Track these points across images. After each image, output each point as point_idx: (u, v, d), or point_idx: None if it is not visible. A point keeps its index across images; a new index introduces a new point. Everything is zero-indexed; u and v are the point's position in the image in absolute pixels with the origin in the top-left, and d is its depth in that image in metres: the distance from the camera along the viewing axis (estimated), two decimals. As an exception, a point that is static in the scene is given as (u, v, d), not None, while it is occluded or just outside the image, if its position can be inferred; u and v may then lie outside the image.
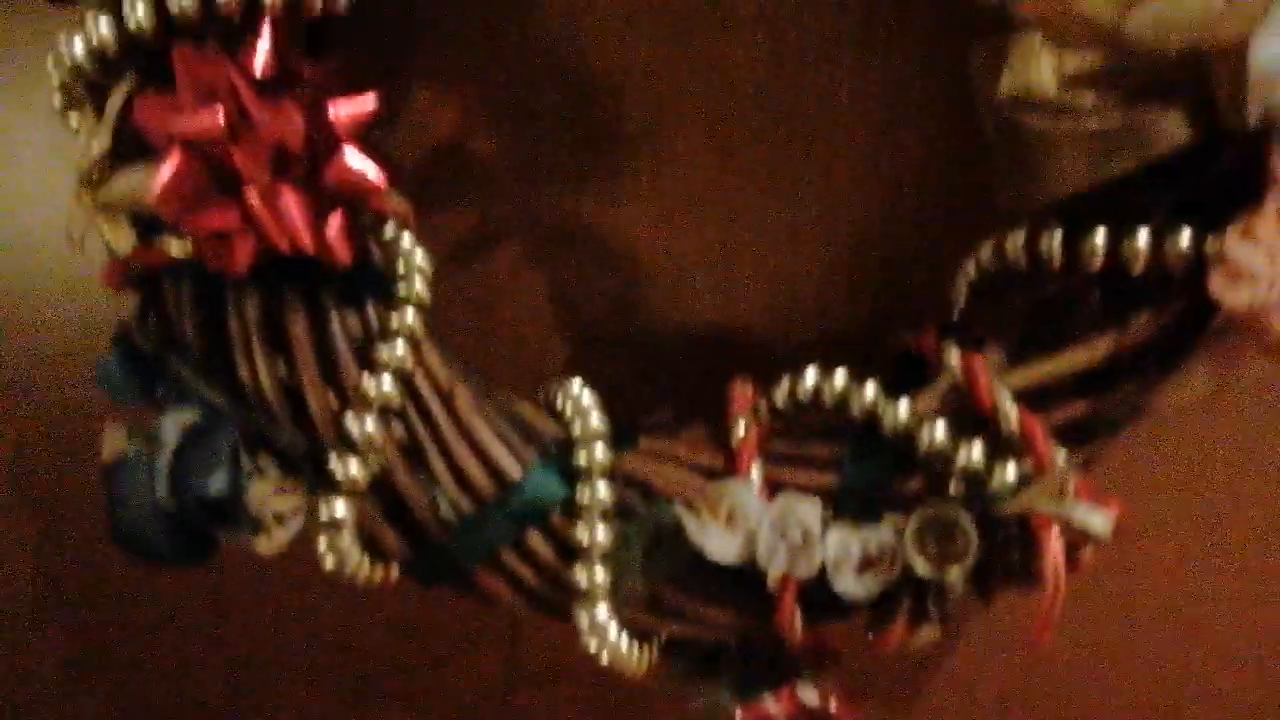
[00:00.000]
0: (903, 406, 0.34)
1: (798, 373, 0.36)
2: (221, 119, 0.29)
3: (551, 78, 0.41)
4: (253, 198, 0.30)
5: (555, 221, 0.42)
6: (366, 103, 0.31)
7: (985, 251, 0.36)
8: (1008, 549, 0.33)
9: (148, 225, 0.32)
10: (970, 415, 0.34)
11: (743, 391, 0.37)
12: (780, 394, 0.37)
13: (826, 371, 0.36)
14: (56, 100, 0.34)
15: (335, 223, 0.31)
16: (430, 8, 0.40)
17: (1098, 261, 0.34)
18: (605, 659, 0.34)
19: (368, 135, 0.32)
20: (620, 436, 0.36)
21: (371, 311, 0.34)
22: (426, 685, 0.49)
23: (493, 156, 0.41)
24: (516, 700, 0.49)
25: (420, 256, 0.35)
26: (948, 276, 0.39)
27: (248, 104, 0.29)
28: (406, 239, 0.35)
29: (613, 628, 0.34)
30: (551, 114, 0.41)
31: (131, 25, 0.31)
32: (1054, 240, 0.34)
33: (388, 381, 0.33)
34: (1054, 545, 0.31)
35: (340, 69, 0.32)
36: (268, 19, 0.30)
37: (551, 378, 0.38)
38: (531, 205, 0.42)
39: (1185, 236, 0.33)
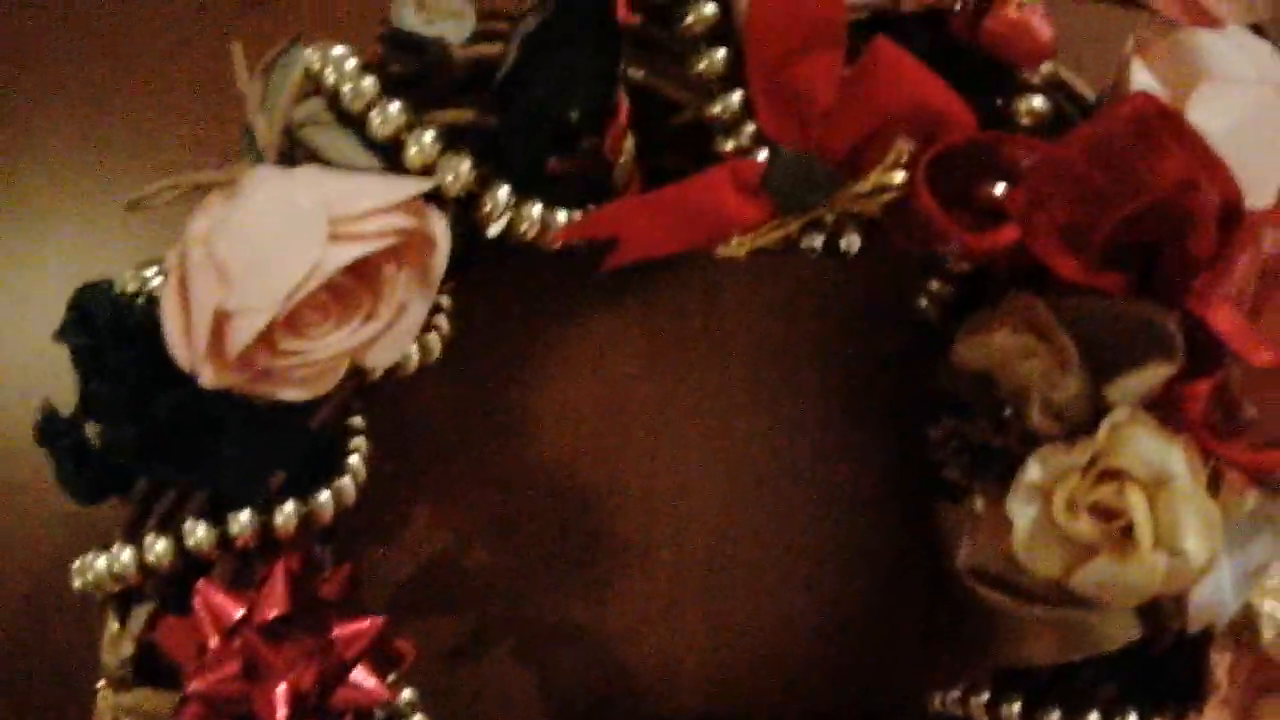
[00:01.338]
0: None
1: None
2: (238, 668, 0.31)
3: (546, 494, 0.43)
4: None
5: (546, 622, 0.44)
6: (372, 626, 0.33)
7: (952, 696, 0.39)
8: None
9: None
10: None
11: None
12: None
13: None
14: (77, 584, 0.35)
15: (342, 733, 0.33)
16: (428, 428, 0.43)
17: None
18: None
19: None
20: None
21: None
22: None
23: (487, 563, 0.44)
24: None
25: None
26: (926, 669, 0.42)
27: (263, 650, 0.32)
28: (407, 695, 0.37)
29: None
30: (545, 525, 0.44)
31: (151, 558, 0.33)
32: (1014, 709, 0.37)
33: None
34: None
35: (352, 579, 0.34)
36: (281, 565, 0.32)
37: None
38: (523, 607, 0.44)
39: (1133, 720, 0.35)
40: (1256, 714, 0.36)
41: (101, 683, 0.35)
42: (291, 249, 0.28)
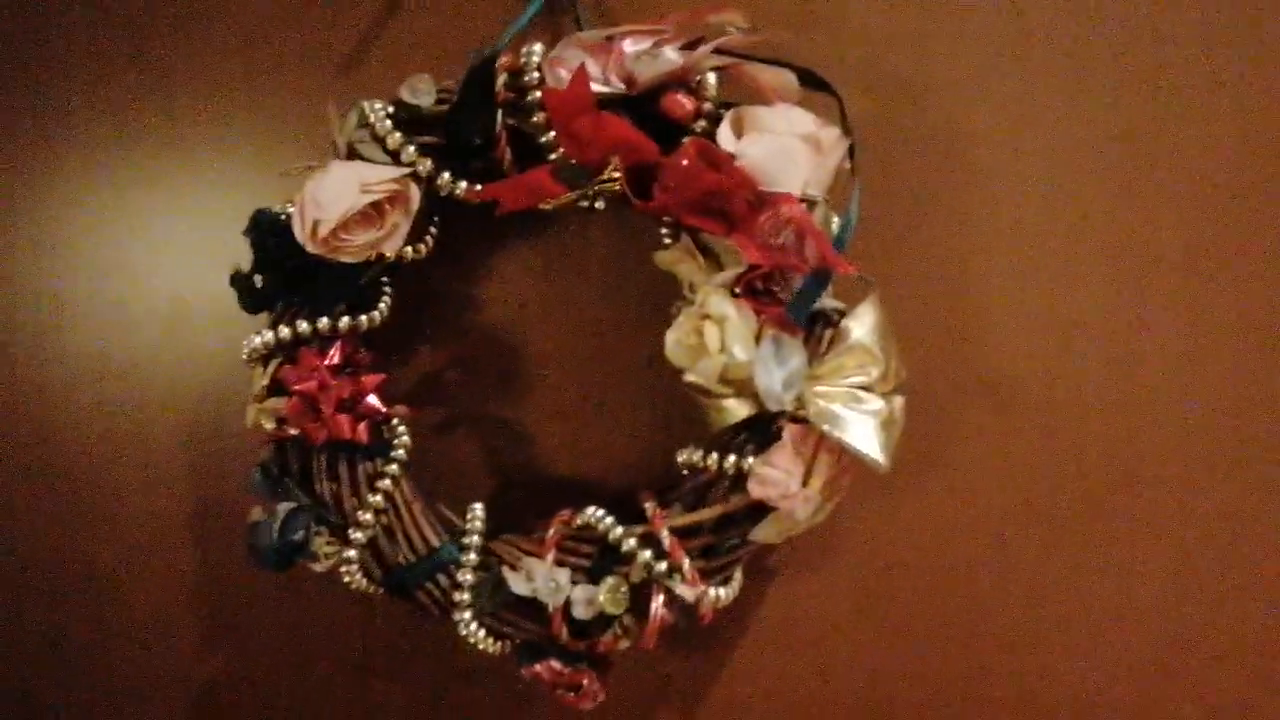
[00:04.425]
0: (630, 540, 0.71)
1: (591, 510, 0.74)
2: (315, 386, 0.69)
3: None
4: (327, 416, 0.70)
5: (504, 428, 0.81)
6: (378, 377, 0.71)
7: (688, 455, 0.73)
8: (648, 599, 0.69)
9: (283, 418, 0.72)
10: (655, 537, 0.71)
11: (561, 517, 0.75)
12: (579, 518, 0.74)
13: (600, 511, 0.73)
14: (244, 355, 0.74)
15: (361, 426, 0.71)
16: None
17: (728, 469, 0.70)
18: (471, 642, 0.72)
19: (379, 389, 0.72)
20: (491, 533, 0.74)
21: (379, 461, 0.74)
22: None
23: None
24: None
25: (403, 435, 0.74)
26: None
27: (327, 380, 0.70)
28: (400, 427, 0.74)
29: (474, 626, 0.72)
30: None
31: (281, 337, 0.71)
32: (709, 459, 0.71)
33: (381, 497, 0.72)
34: (659, 599, 0.68)
35: (373, 360, 0.72)
36: (339, 344, 0.71)
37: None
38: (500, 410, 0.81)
39: (728, 461, 0.69)
40: (815, 464, 0.69)
41: (249, 403, 0.74)
42: (344, 196, 0.66)
